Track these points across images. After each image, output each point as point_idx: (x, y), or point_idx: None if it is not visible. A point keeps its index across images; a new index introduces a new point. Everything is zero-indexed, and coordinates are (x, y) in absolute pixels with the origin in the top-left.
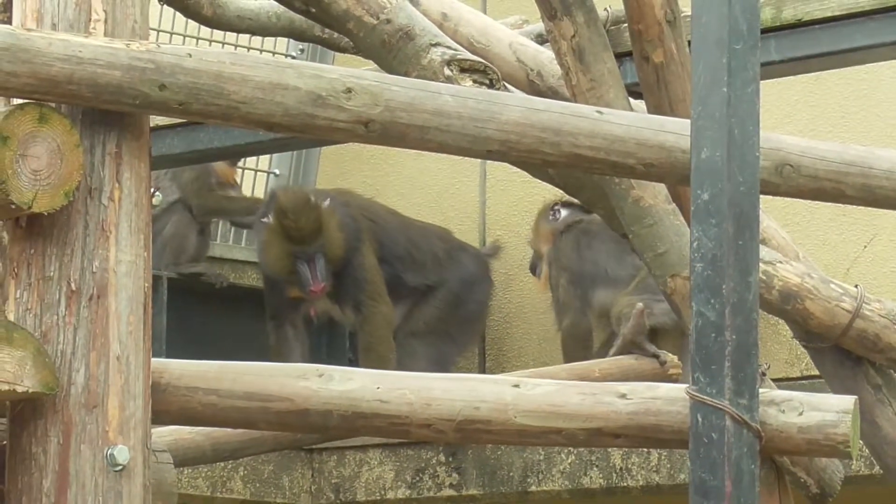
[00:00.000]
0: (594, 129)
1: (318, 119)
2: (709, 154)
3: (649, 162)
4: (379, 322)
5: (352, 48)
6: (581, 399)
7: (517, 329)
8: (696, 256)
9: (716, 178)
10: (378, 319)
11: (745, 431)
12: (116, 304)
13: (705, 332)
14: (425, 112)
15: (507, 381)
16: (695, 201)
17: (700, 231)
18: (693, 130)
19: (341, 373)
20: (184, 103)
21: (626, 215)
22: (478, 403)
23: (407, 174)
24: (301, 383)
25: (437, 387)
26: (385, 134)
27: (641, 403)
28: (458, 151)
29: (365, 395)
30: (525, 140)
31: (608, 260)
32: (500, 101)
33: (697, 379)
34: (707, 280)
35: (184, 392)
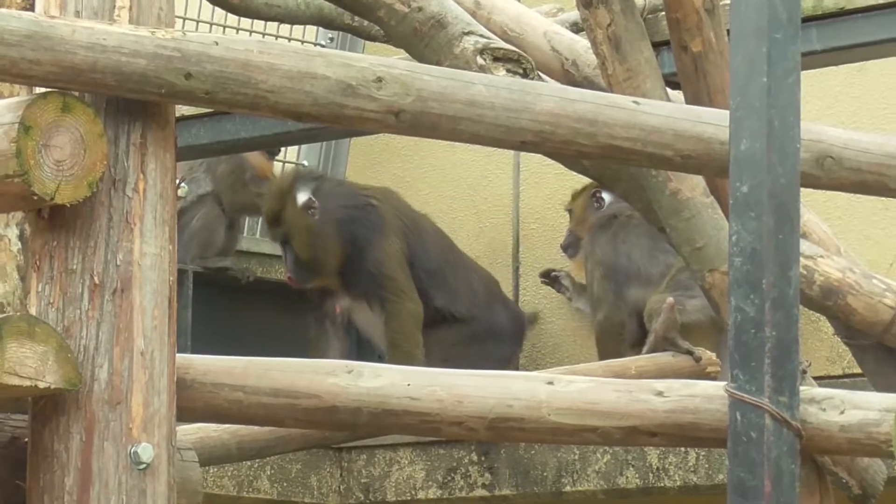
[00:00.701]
0: (630, 119)
1: (347, 109)
2: (748, 146)
3: (687, 153)
4: (403, 318)
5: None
6: (617, 396)
7: (552, 325)
8: (734, 251)
9: (755, 170)
10: (402, 315)
11: (785, 430)
12: (141, 298)
13: (744, 328)
14: (457, 102)
15: (541, 377)
16: (733, 194)
17: (739, 224)
18: (732, 121)
19: (371, 369)
20: (210, 92)
21: (664, 208)
22: (511, 401)
23: (438, 166)
24: (330, 380)
25: (468, 384)
26: (416, 124)
27: (679, 401)
28: (490, 142)
29: (395, 392)
30: (560, 131)
31: (642, 257)
32: (534, 90)
33: (736, 376)
34: (746, 275)
35: (209, 388)
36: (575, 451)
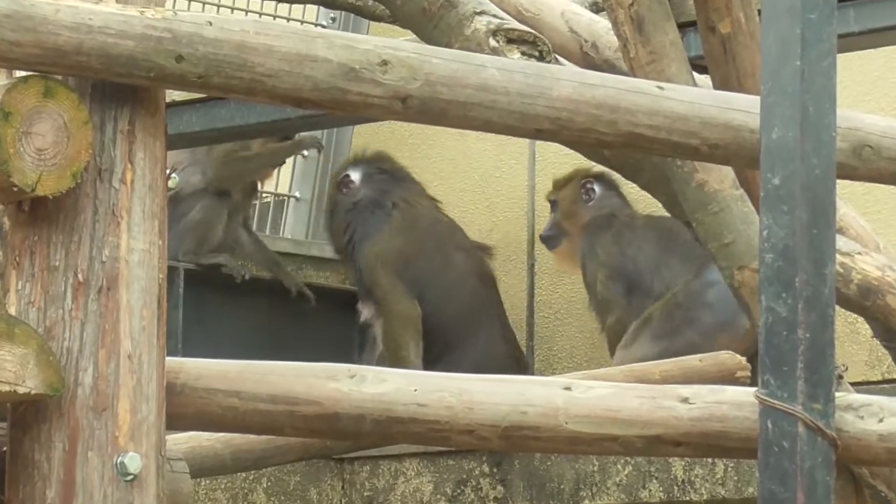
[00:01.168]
0: (654, 106)
1: (350, 94)
2: (780, 134)
3: (715, 142)
4: (389, 321)
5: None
6: (639, 403)
7: (568, 327)
8: (765, 246)
9: (788, 160)
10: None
11: (820, 439)
12: (128, 297)
13: (776, 329)
14: (468, 87)
15: (558, 382)
16: (764, 186)
17: (770, 219)
18: (763, 108)
19: (375, 373)
20: (203, 76)
21: (690, 201)
22: (525, 408)
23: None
24: (331, 385)
25: (479, 389)
26: (424, 111)
27: (705, 408)
28: (504, 130)
29: (401, 398)
30: (578, 118)
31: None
32: (550, 75)
33: (767, 381)
34: (778, 272)
35: (202, 394)
36: (594, 462)
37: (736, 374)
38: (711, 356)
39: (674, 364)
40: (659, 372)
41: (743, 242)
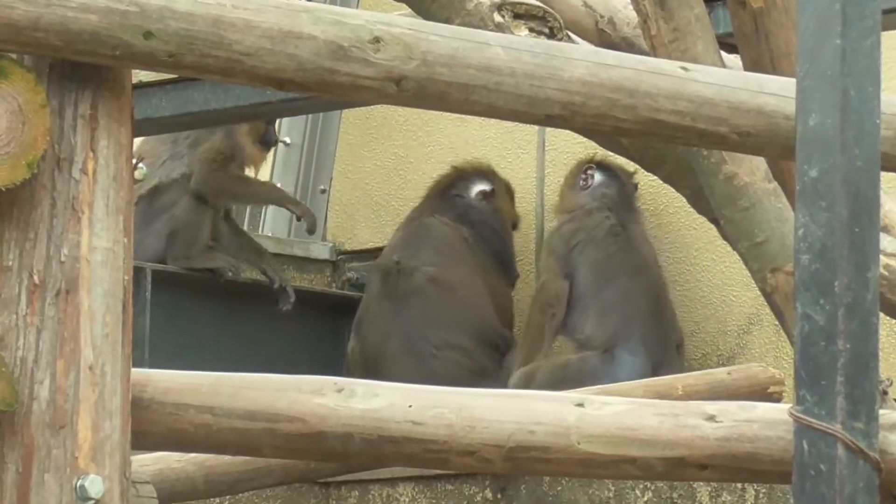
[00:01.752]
0: (678, 89)
1: (338, 75)
2: (818, 121)
3: (745, 130)
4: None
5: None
6: (660, 421)
7: None
8: (801, 247)
9: (827, 150)
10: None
11: (862, 462)
12: (90, 301)
13: (813, 339)
14: (470, 67)
15: (569, 398)
16: (801, 179)
17: (807, 215)
18: (799, 92)
19: (365, 387)
20: (174, 55)
21: (717, 196)
22: (533, 426)
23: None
24: (316, 400)
25: (482, 405)
26: (421, 94)
27: (734, 427)
28: (510, 116)
29: (394, 414)
30: (593, 102)
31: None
32: (562, 54)
33: (803, 397)
34: (815, 276)
35: (171, 409)
36: (610, 487)
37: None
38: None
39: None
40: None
41: (776, 242)
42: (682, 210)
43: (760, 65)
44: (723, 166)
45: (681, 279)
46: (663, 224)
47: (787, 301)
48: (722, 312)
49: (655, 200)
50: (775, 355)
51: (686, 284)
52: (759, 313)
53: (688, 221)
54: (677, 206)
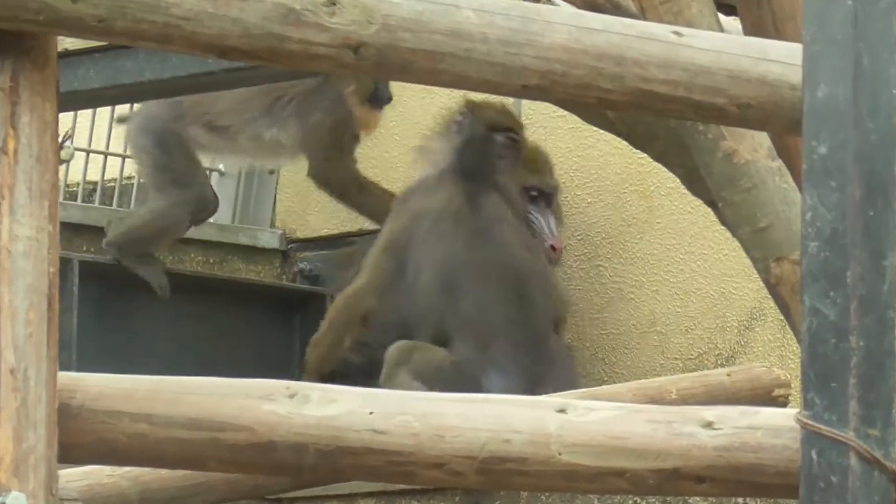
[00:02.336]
0: (670, 56)
1: (289, 42)
2: (827, 91)
3: (746, 102)
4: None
5: None
6: (652, 429)
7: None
8: (809, 232)
9: (837, 124)
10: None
11: (877, 473)
12: (10, 297)
13: (822, 336)
14: (437, 33)
15: (550, 403)
16: (808, 156)
17: (815, 197)
18: (806, 59)
19: (320, 392)
20: (105, 20)
21: (715, 176)
22: (509, 434)
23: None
24: (265, 406)
25: (452, 411)
26: (382, 62)
27: (734, 435)
28: (482, 87)
29: (353, 422)
30: (575, 71)
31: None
32: (540, 17)
33: (812, 401)
34: (825, 265)
35: (102, 418)
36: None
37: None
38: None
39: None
40: (676, 390)
41: (781, 227)
42: (676, 192)
43: (762, 29)
44: (721, 142)
45: (674, 269)
46: (654, 208)
47: (794, 293)
48: (720, 307)
49: (645, 181)
50: (780, 354)
51: (680, 275)
52: (761, 307)
53: (681, 205)
54: (670, 188)
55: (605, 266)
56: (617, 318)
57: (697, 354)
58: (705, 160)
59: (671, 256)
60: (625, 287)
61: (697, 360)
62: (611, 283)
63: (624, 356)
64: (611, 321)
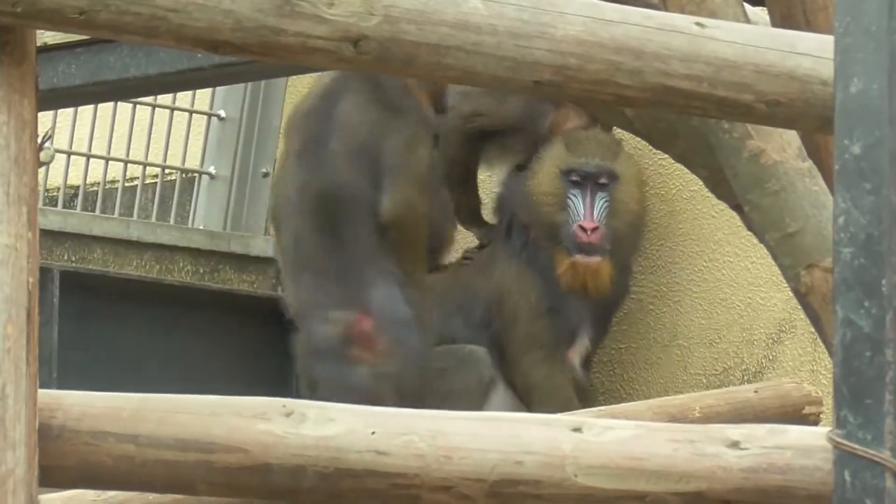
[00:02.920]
0: (693, 49)
1: (284, 35)
2: (862, 87)
3: (774, 98)
4: None
5: None
6: (673, 449)
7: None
8: (842, 238)
9: (872, 122)
10: None
11: None
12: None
13: (856, 350)
14: (443, 25)
15: (565, 422)
16: (841, 156)
17: (849, 201)
18: (838, 52)
19: (318, 410)
20: (86, 11)
21: (741, 177)
22: (521, 455)
23: None
24: (259, 426)
25: (460, 431)
26: (383, 57)
27: (762, 455)
28: (491, 83)
29: (354, 442)
30: (591, 66)
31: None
32: (554, 8)
33: (845, 419)
34: (859, 273)
35: (86, 439)
36: None
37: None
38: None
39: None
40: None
41: (812, 232)
42: (699, 195)
43: (792, 20)
44: (747, 142)
45: (697, 278)
46: (676, 212)
47: (825, 304)
48: (747, 318)
49: (666, 184)
50: (811, 369)
51: (703, 284)
52: (791, 319)
53: (705, 209)
54: (693, 191)
55: None
56: (636, 330)
57: (722, 370)
58: (730, 161)
59: (694, 264)
60: (645, 297)
61: (722, 375)
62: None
63: (644, 371)
64: (629, 334)
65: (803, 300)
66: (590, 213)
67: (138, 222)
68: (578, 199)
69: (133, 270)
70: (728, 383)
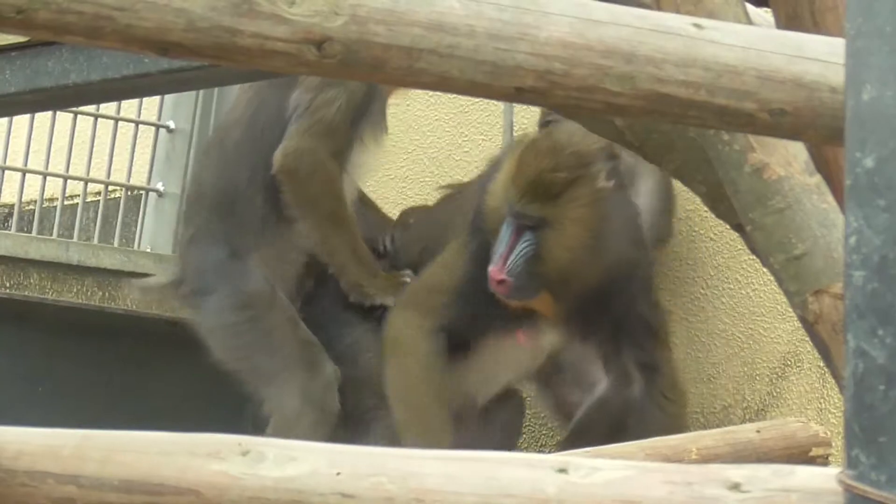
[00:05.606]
0: (689, 52)
1: (241, 36)
2: (874, 94)
3: (778, 107)
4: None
5: None
6: (668, 491)
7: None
8: (854, 260)
9: (886, 132)
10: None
11: None
12: None
13: (869, 383)
14: (416, 25)
15: (549, 462)
16: (852, 170)
17: (861, 219)
18: (849, 56)
19: (278, 449)
20: (24, 10)
21: (742, 194)
22: (500, 499)
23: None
24: (213, 466)
25: (434, 471)
26: (350, 61)
27: (766, 498)
28: (469, 89)
29: (317, 484)
30: (577, 71)
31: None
32: (537, 8)
33: (856, 459)
34: (872, 298)
35: (23, 480)
36: None
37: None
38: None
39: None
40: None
41: (820, 255)
42: (696, 214)
43: (799, 21)
44: (749, 155)
45: (694, 307)
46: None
47: (835, 333)
48: (749, 351)
49: None
50: (819, 407)
51: (701, 314)
52: (797, 352)
53: (703, 230)
54: (689, 210)
55: None
56: None
57: (722, 407)
58: (730, 176)
59: (690, 292)
60: None
61: (722, 413)
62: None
63: None
64: None
65: (811, 329)
66: (503, 260)
67: (79, 244)
68: (505, 237)
69: (73, 297)
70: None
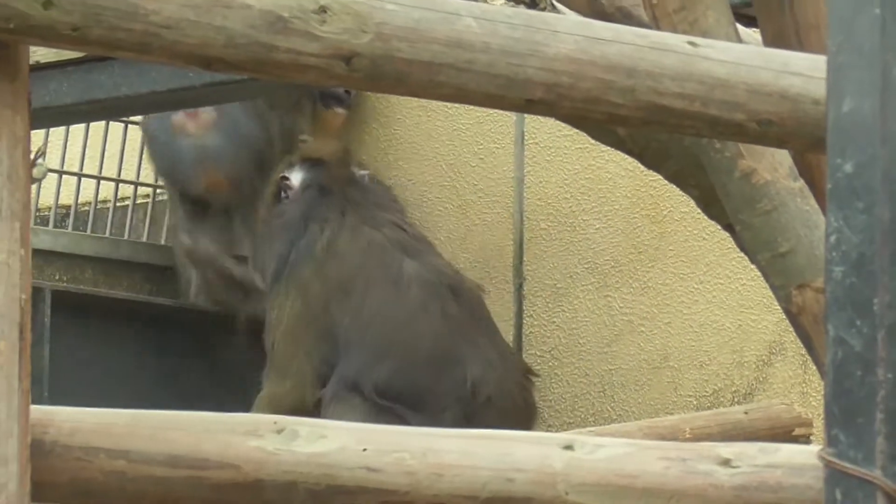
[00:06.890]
0: (685, 68)
1: (276, 52)
2: (854, 105)
3: (766, 117)
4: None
5: None
6: (665, 467)
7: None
8: (834, 257)
9: (864, 140)
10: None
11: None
12: None
13: (848, 369)
14: (435, 42)
15: (556, 440)
16: (833, 175)
17: (841, 220)
18: (830, 71)
19: (310, 427)
20: (79, 28)
21: (732, 197)
22: (512, 473)
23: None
24: (251, 442)
25: (451, 448)
26: (375, 74)
27: (753, 474)
28: (483, 101)
29: (345, 460)
30: (583, 84)
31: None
32: (546, 26)
33: (836, 438)
34: (851, 292)
35: (78, 455)
36: None
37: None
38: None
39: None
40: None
41: (803, 252)
42: (690, 216)
43: (784, 39)
44: (739, 161)
45: (688, 300)
46: (666, 233)
47: (816, 323)
48: (737, 340)
49: (658, 205)
50: (801, 391)
51: (694, 307)
52: (781, 341)
53: (696, 230)
54: (683, 212)
55: (613, 297)
56: (627, 352)
57: (713, 391)
58: (722, 181)
59: (685, 286)
60: (635, 319)
61: (713, 397)
62: (620, 314)
63: (634, 393)
64: (620, 356)
65: (794, 320)
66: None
67: (129, 242)
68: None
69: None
70: (718, 405)
